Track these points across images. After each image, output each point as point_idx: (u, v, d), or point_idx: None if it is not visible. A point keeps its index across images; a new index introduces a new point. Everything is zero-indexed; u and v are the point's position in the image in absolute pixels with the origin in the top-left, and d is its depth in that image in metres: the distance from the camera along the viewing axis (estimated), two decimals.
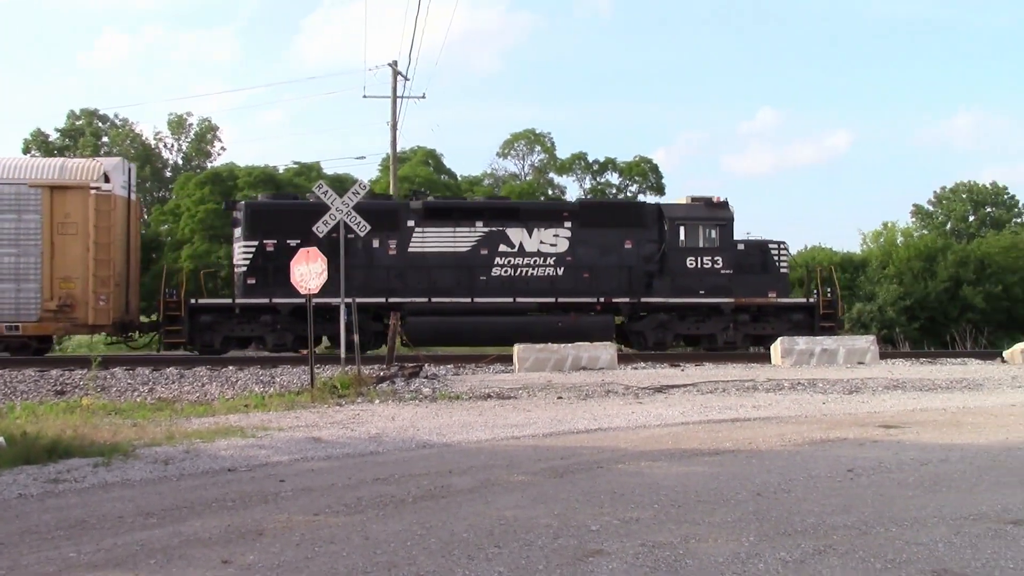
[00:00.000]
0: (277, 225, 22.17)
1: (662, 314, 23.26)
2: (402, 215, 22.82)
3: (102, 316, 21.06)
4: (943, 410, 11.69)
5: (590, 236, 23.13)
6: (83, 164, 21.65)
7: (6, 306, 20.76)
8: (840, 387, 14.37)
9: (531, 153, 56.78)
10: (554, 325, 22.43)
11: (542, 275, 22.93)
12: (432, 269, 22.56)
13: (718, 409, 11.80)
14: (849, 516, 5.97)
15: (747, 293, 23.37)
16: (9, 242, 20.77)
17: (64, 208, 20.90)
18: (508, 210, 23.60)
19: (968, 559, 5.08)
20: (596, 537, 5.44)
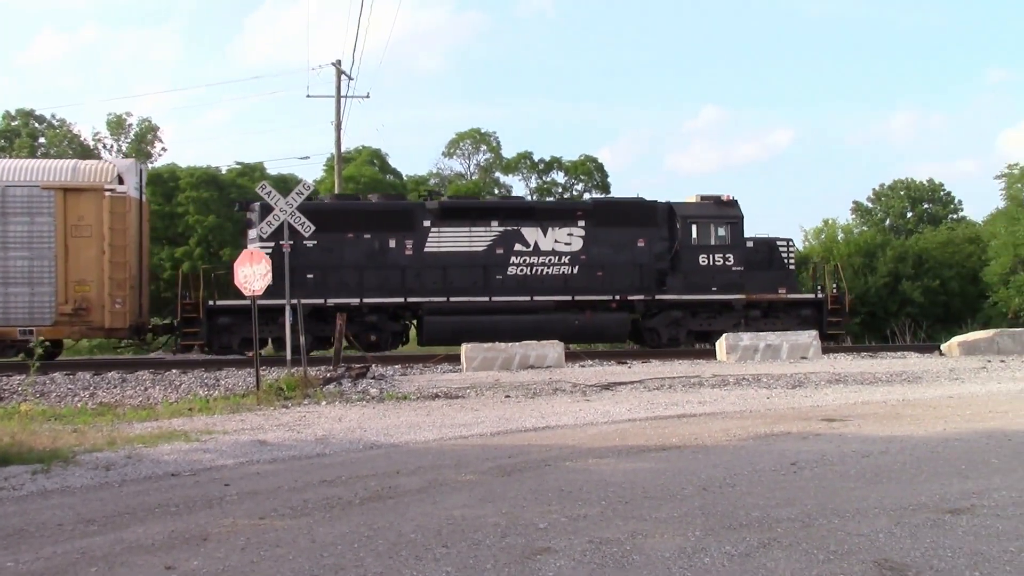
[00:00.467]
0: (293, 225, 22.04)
1: (675, 311, 23.59)
2: (418, 215, 22.97)
3: (118, 319, 20.84)
4: (884, 403, 11.90)
5: (604, 235, 23.44)
6: (96, 166, 21.44)
7: (20, 310, 20.47)
8: (784, 382, 14.57)
9: (477, 152, 56.81)
10: (571, 323, 22.70)
11: (557, 274, 23.25)
12: (448, 269, 22.69)
13: (664, 405, 11.90)
14: (793, 509, 6.05)
15: (757, 289, 23.81)
16: (22, 245, 20.51)
17: (78, 210, 20.61)
18: (523, 210, 23.79)
19: (908, 549, 5.17)
20: (544, 535, 5.45)
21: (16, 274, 20.52)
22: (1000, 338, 20.62)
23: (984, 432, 9.12)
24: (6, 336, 20.53)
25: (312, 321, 21.60)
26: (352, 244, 22.51)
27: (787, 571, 4.79)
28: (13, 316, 20.41)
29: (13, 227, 20.58)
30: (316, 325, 21.72)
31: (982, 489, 6.56)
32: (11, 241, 20.47)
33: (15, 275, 20.53)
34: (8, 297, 20.42)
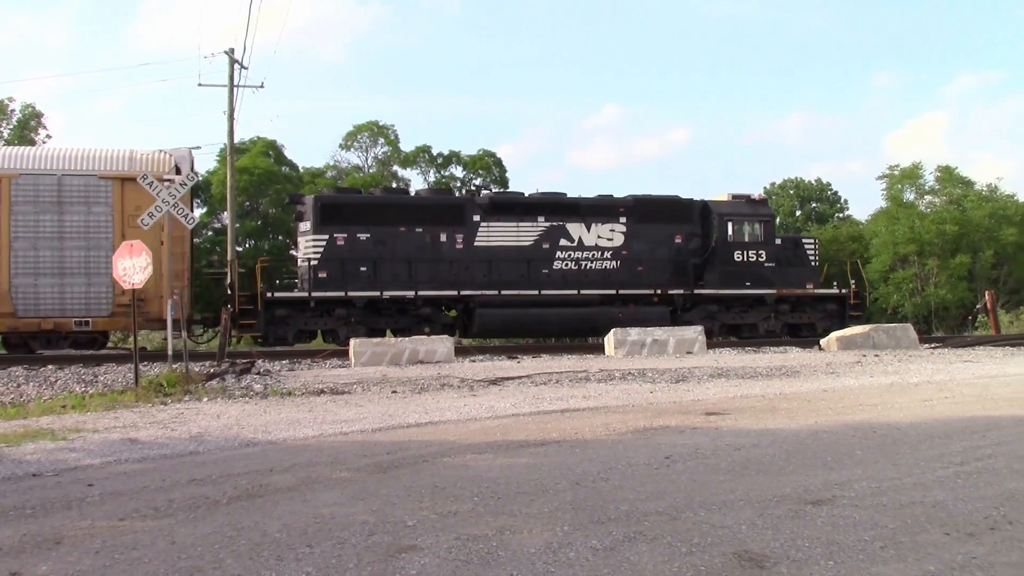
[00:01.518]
0: (347, 218, 22.77)
1: (712, 305, 24.84)
2: (468, 210, 23.81)
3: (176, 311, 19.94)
4: (762, 396, 12.20)
5: (643, 231, 24.64)
6: (154, 155, 21.36)
7: (76, 301, 20.27)
8: (668, 376, 14.81)
9: (374, 145, 56.24)
10: (615, 316, 23.51)
11: (599, 268, 24.25)
12: (497, 262, 23.50)
13: (549, 400, 11.96)
14: (661, 502, 6.13)
15: (787, 285, 25.27)
16: (79, 235, 20.30)
17: (135, 200, 20.15)
18: (568, 206, 24.49)
19: (768, 540, 5.28)
20: (411, 532, 5.40)
21: (72, 265, 20.28)
22: (876, 333, 21.39)
23: (853, 425, 9.42)
24: (62, 327, 20.23)
25: (368, 314, 22.63)
26: (404, 237, 23.18)
27: (649, 564, 4.84)
28: (69, 307, 20.18)
29: (69, 217, 20.33)
30: (372, 318, 22.67)
31: (844, 480, 6.75)
32: (68, 231, 20.28)
33: (71, 266, 20.30)
34: (64, 288, 20.22)
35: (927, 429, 9.04)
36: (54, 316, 20.16)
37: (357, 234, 22.65)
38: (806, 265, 25.87)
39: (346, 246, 22.66)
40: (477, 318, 22.96)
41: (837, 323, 24.75)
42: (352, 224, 22.81)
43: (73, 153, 20.92)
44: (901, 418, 9.85)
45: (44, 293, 20.26)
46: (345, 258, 22.54)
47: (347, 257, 22.53)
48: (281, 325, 22.19)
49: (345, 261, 22.52)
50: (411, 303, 22.89)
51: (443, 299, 23.22)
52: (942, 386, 12.98)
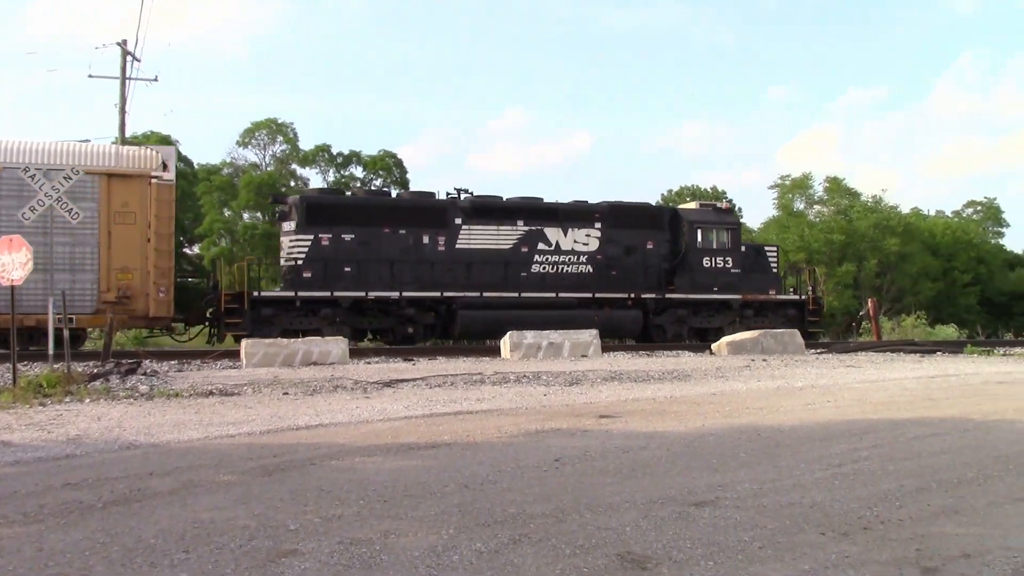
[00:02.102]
0: (332, 219, 22.98)
1: (681, 309, 25.71)
2: (450, 213, 24.14)
3: (162, 308, 20.73)
4: (653, 399, 12.36)
5: (617, 236, 25.41)
6: (141, 152, 21.27)
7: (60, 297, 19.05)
8: (562, 379, 14.90)
9: (273, 143, 55.30)
10: (591, 319, 24.06)
11: (575, 272, 24.96)
12: (478, 265, 23.98)
13: (443, 402, 11.90)
14: (549, 504, 6.15)
15: (752, 290, 26.35)
16: (64, 230, 19.95)
17: (122, 197, 20.32)
18: (546, 211, 25.16)
19: (652, 541, 5.34)
20: (293, 537, 5.29)
21: (58, 260, 19.93)
22: (764, 338, 21.93)
23: (738, 428, 9.61)
24: (44, 324, 19.10)
25: (352, 314, 22.83)
26: (388, 239, 23.43)
27: (533, 566, 4.84)
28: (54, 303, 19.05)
29: (55, 212, 19.94)
30: (356, 318, 22.91)
31: (728, 482, 6.88)
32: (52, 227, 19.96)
33: (57, 261, 19.93)
34: (48, 284, 19.75)
35: (809, 432, 9.29)
36: (37, 313, 19.48)
37: (342, 235, 22.85)
38: (768, 272, 27.09)
39: (331, 246, 22.85)
40: (459, 319, 23.37)
41: (797, 327, 25.64)
42: (337, 224, 22.99)
43: (59, 148, 20.60)
44: (785, 421, 10.11)
45: (27, 289, 19.29)
46: (329, 258, 22.75)
47: (331, 257, 22.74)
48: (266, 324, 22.14)
49: (329, 261, 22.73)
50: (395, 304, 23.21)
51: (426, 300, 23.49)
52: (825, 390, 13.36)
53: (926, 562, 5.02)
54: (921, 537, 5.48)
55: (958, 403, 11.71)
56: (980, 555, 5.15)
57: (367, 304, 22.98)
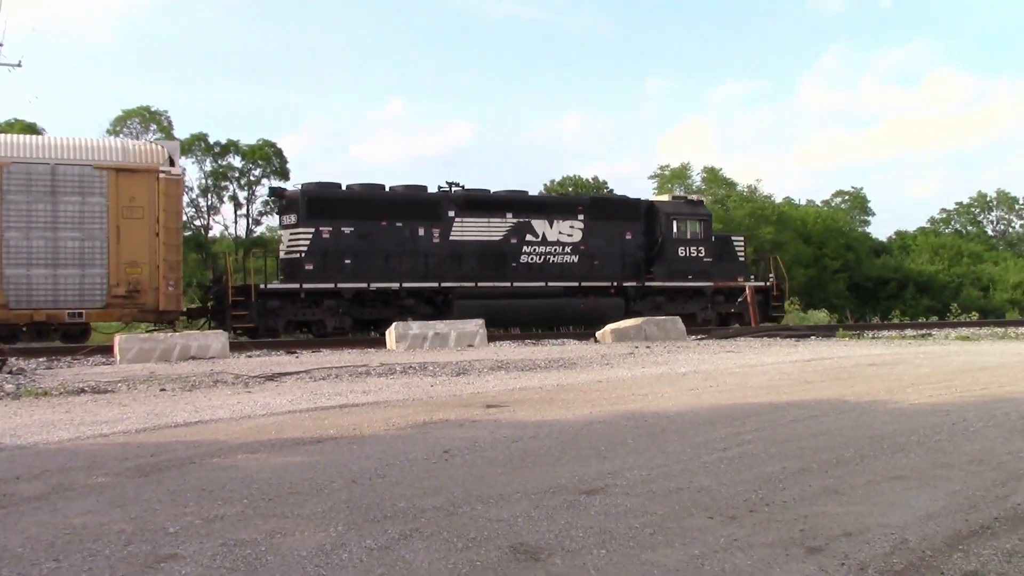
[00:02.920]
0: (332, 212, 23.46)
1: (659, 296, 27.09)
2: (444, 206, 24.97)
3: (172, 302, 20.96)
4: (540, 388, 12.37)
5: (599, 228, 26.53)
6: (148, 147, 21.47)
7: (70, 292, 20.03)
8: (449, 369, 14.81)
9: (146, 131, 53.51)
10: (577, 306, 25.76)
11: (561, 262, 26.04)
12: (471, 256, 24.84)
13: (328, 395, 11.67)
14: (439, 498, 6.05)
15: (722, 278, 27.96)
16: (72, 226, 20.00)
17: (129, 191, 20.48)
18: (533, 203, 26.47)
19: (544, 531, 5.31)
20: (173, 540, 5.05)
21: (66, 255, 19.98)
22: (647, 325, 22.29)
23: (625, 414, 9.70)
24: (54, 319, 19.97)
25: (354, 305, 23.52)
26: (385, 231, 24.08)
27: (425, 562, 4.75)
28: (63, 298, 19.91)
29: (64, 207, 19.98)
30: (357, 309, 23.60)
31: (617, 469, 6.91)
32: (61, 221, 19.96)
33: (65, 256, 19.98)
34: (58, 279, 19.94)
35: (694, 417, 9.44)
36: (47, 308, 19.86)
37: (341, 227, 23.38)
38: (736, 260, 28.68)
39: (331, 239, 23.38)
40: (456, 309, 24.01)
41: (762, 311, 27.85)
42: (337, 218, 23.50)
43: (66, 143, 20.62)
44: (670, 407, 10.25)
45: (37, 284, 19.95)
46: (330, 250, 23.31)
47: (332, 249, 23.29)
48: (272, 316, 22.64)
49: (330, 253, 23.30)
50: (395, 295, 23.97)
51: (425, 291, 24.27)
52: (707, 375, 13.64)
53: (810, 542, 5.13)
54: (805, 518, 5.60)
55: (833, 385, 12.10)
56: (860, 533, 5.29)
57: (368, 295, 23.68)
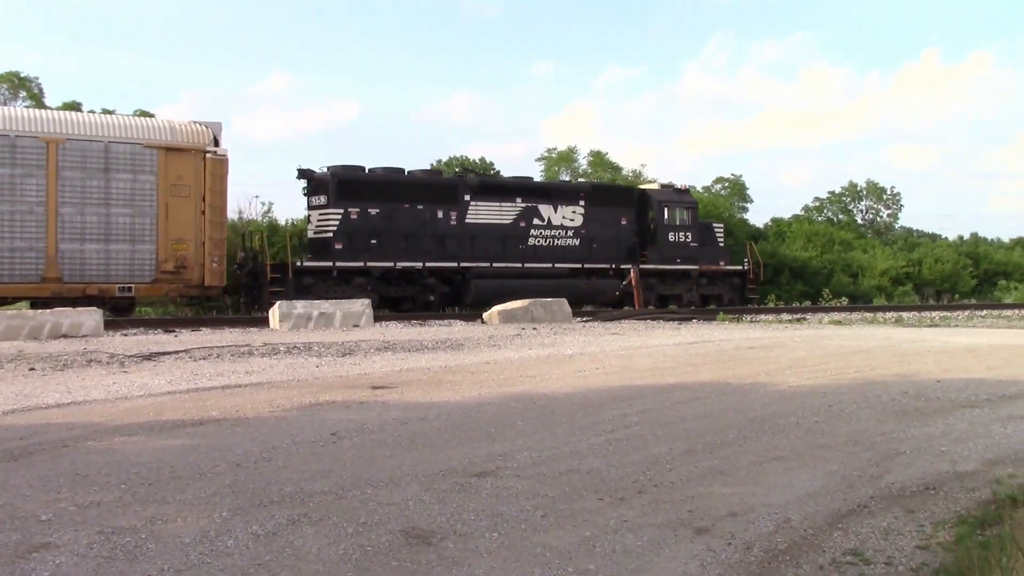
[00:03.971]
0: (359, 194, 24.70)
1: (651, 278, 28.65)
2: (460, 190, 26.39)
3: (216, 278, 21.72)
4: (428, 369, 12.28)
5: (598, 213, 28.26)
6: (194, 127, 21.93)
7: (120, 267, 20.72)
8: (335, 350, 14.58)
9: (15, 98, 50.90)
10: (580, 286, 27.30)
11: (564, 245, 27.70)
12: (484, 238, 26.22)
13: (209, 376, 11.33)
14: (327, 481, 5.94)
15: (706, 262, 30.05)
16: (124, 202, 20.70)
17: (177, 170, 21.20)
18: (540, 189, 28.28)
19: (435, 514, 5.26)
20: (46, 528, 4.81)
21: (118, 231, 20.69)
22: (534, 307, 22.41)
23: (514, 396, 9.71)
24: (105, 293, 20.55)
25: (381, 283, 24.80)
26: (407, 213, 25.34)
27: (314, 547, 4.64)
28: (114, 273, 20.61)
29: (116, 184, 20.66)
30: (384, 286, 24.88)
31: (507, 451, 6.91)
32: (113, 198, 20.65)
33: (117, 232, 20.69)
34: (110, 254, 20.65)
35: (582, 399, 9.51)
36: (99, 282, 20.49)
37: (368, 209, 24.60)
38: (717, 245, 30.78)
39: (358, 220, 24.55)
40: (473, 288, 25.58)
41: (739, 294, 30.63)
42: (363, 199, 24.70)
43: (120, 121, 21.40)
44: (558, 389, 10.31)
45: (90, 259, 20.57)
46: (357, 231, 24.49)
47: (359, 230, 24.48)
48: (305, 292, 23.22)
49: (356, 234, 24.48)
50: (418, 273, 25.30)
51: (444, 270, 25.61)
52: (593, 357, 13.77)
53: (698, 522, 5.22)
54: (692, 498, 5.70)
55: (716, 368, 12.37)
56: (745, 513, 5.41)
57: (394, 274, 24.99)
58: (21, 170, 20.08)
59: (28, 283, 20.11)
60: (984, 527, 5.18)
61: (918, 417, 8.53)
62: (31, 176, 20.19)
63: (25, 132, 20.13)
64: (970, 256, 49.95)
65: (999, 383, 10.75)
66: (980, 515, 5.41)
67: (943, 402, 9.35)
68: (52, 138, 20.27)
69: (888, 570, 4.56)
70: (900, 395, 9.75)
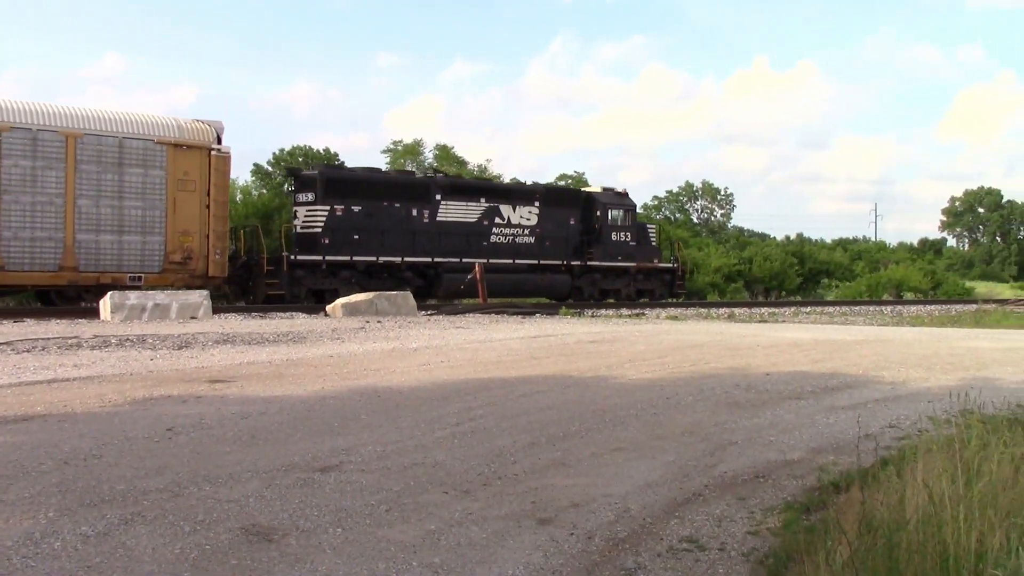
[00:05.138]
0: (344, 192, 26.31)
1: (596, 274, 31.64)
2: (432, 190, 28.31)
3: (218, 268, 23.15)
4: (269, 363, 12.00)
5: (550, 214, 30.64)
6: (200, 125, 23.17)
7: (132, 257, 21.80)
8: (171, 342, 14.08)
9: None
10: (537, 281, 30.10)
11: (521, 242, 29.84)
12: (453, 235, 28.13)
13: (33, 369, 10.73)
14: (163, 478, 5.73)
15: (642, 259, 32.86)
16: (136, 195, 21.85)
17: (183, 166, 22.47)
18: (501, 190, 31.01)
19: (277, 511, 5.15)
20: None
21: (130, 222, 21.82)
22: (379, 300, 22.23)
23: (358, 390, 9.61)
24: (118, 281, 21.40)
25: (364, 276, 26.27)
26: (386, 211, 27.02)
27: (148, 547, 4.47)
28: (126, 263, 21.71)
29: (128, 178, 21.77)
30: (366, 279, 26.19)
31: (351, 445, 6.83)
32: (126, 191, 21.74)
33: (129, 223, 21.81)
34: (122, 244, 21.71)
35: (427, 392, 9.50)
36: (112, 271, 21.49)
37: (351, 206, 26.13)
38: (650, 244, 33.55)
39: (343, 216, 26.05)
40: (444, 282, 27.57)
41: (668, 288, 33.63)
42: (348, 197, 26.24)
43: (133, 118, 22.34)
44: (403, 382, 10.26)
45: (104, 249, 21.51)
46: (341, 227, 25.94)
47: (343, 226, 25.96)
48: (297, 284, 25.05)
49: (342, 229, 25.92)
50: (397, 267, 27.00)
51: (419, 265, 27.34)
52: (439, 351, 13.77)
53: (541, 513, 5.30)
54: (535, 490, 5.78)
55: (559, 361, 12.59)
56: (587, 503, 5.53)
57: (376, 267, 26.59)
58: (42, 163, 20.90)
59: (46, 271, 21.01)
60: (809, 512, 5.47)
61: (749, 408, 8.91)
62: (51, 168, 20.99)
63: (46, 126, 20.95)
64: (796, 255, 52.59)
65: (822, 376, 11.36)
66: (806, 501, 5.70)
67: (772, 394, 9.80)
68: (71, 132, 21.20)
69: (721, 555, 4.75)
70: (733, 387, 10.17)
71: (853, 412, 8.49)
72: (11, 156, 20.52)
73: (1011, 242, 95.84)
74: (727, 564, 4.63)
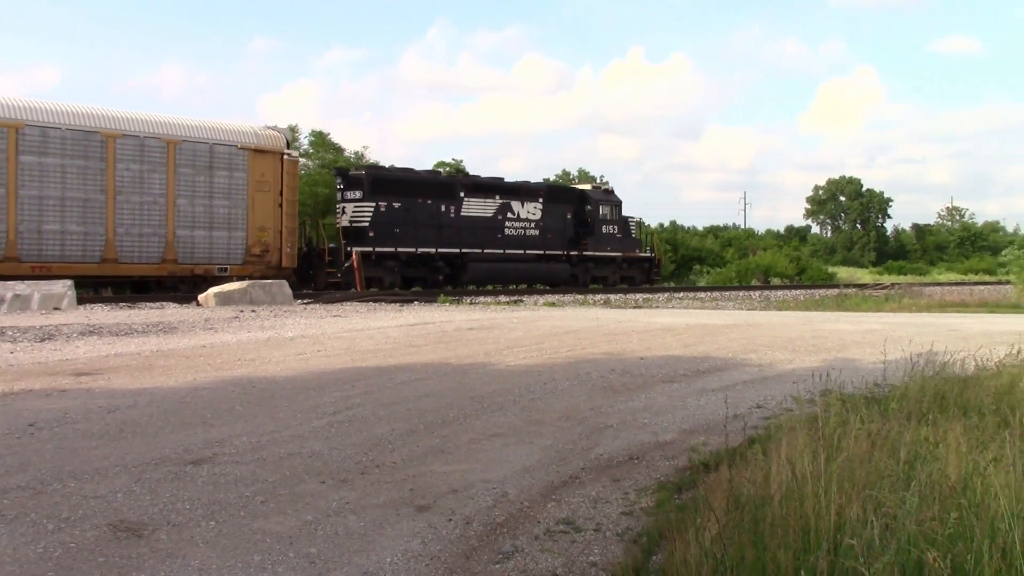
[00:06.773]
0: (387, 190, 29.12)
1: (590, 263, 35.22)
2: (457, 188, 31.43)
3: (290, 260, 26.07)
4: (138, 354, 11.63)
5: (551, 209, 33.91)
6: (273, 133, 26.18)
7: (219, 250, 24.60)
8: (32, 334, 13.49)
9: None
10: (543, 269, 33.54)
11: (528, 235, 33.01)
12: (474, 229, 31.19)
13: None
14: (24, 476, 5.50)
15: (626, 250, 36.57)
16: (223, 195, 24.69)
17: (261, 168, 25.33)
18: (512, 188, 33.13)
19: (147, 506, 5.02)
20: None
21: (219, 219, 24.60)
22: (253, 289, 21.78)
23: (232, 380, 9.41)
24: (208, 272, 24.20)
25: (405, 265, 29.37)
26: (420, 207, 29.89)
27: (9, 547, 4.30)
28: (215, 256, 24.50)
29: (217, 179, 24.57)
30: (406, 268, 29.46)
31: (225, 437, 6.69)
32: (216, 191, 24.50)
33: (218, 220, 24.58)
34: (213, 239, 24.47)
35: (303, 382, 9.37)
36: (203, 263, 24.34)
37: (393, 203, 28.99)
38: (632, 236, 37.08)
39: (386, 212, 28.86)
40: (469, 270, 30.73)
41: (646, 275, 37.45)
42: (390, 194, 29.08)
43: (221, 126, 25.16)
44: (278, 372, 10.10)
45: (198, 243, 24.25)
46: (385, 221, 28.75)
47: (386, 220, 28.77)
48: (352, 273, 27.25)
49: (385, 224, 28.71)
50: (432, 258, 30.04)
51: (449, 255, 30.38)
52: (315, 340, 13.58)
53: (419, 500, 5.31)
54: (414, 478, 5.78)
55: (437, 349, 12.58)
56: (465, 489, 5.57)
57: (415, 257, 29.60)
58: (148, 167, 23.59)
59: (151, 264, 23.69)
60: (681, 491, 5.63)
61: (624, 392, 9.10)
62: (155, 172, 23.70)
63: (151, 134, 23.68)
64: (669, 242, 53.80)
65: (694, 359, 11.68)
66: (677, 481, 5.87)
67: (646, 378, 10.03)
68: (171, 139, 23.98)
69: (597, 536, 4.84)
70: (608, 372, 10.36)
71: (723, 394, 8.75)
72: (123, 160, 23.18)
73: (870, 229, 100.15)
74: (602, 544, 4.73)
